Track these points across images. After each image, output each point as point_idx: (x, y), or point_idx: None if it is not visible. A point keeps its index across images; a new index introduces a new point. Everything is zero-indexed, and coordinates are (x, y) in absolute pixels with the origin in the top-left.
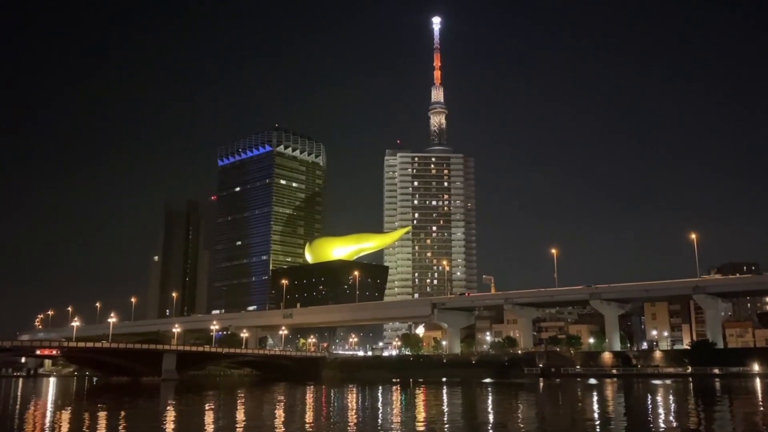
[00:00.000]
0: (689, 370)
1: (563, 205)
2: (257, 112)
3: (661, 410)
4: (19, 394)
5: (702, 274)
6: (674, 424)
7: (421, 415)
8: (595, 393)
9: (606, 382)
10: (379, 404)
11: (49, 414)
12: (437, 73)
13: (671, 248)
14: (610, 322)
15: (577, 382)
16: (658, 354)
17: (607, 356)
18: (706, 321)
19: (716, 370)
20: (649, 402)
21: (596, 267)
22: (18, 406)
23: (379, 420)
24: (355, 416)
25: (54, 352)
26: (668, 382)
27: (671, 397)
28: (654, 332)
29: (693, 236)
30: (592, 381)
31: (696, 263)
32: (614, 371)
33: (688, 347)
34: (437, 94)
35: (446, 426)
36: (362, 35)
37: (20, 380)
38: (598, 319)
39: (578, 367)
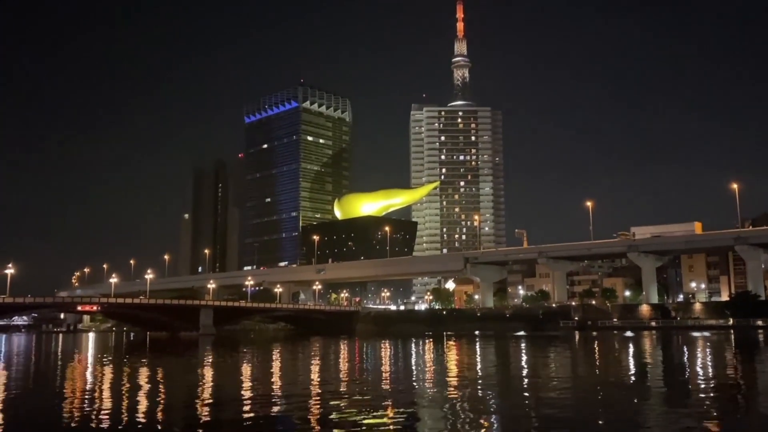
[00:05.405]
0: (731, 322)
1: (592, 157)
2: (282, 69)
3: (702, 362)
4: (60, 349)
5: (736, 225)
6: (716, 376)
7: (455, 366)
8: (632, 345)
9: (644, 335)
10: (413, 357)
11: (92, 367)
12: (460, 25)
13: (702, 199)
14: (647, 275)
15: (614, 334)
16: (698, 306)
17: (645, 309)
18: (748, 272)
19: (759, 322)
20: (689, 353)
21: (626, 219)
22: (60, 361)
23: (414, 371)
24: (391, 368)
25: (94, 308)
26: (707, 334)
27: (712, 349)
28: (692, 284)
29: (735, 186)
30: (629, 333)
31: (738, 213)
32: (653, 323)
33: (728, 299)
34: (460, 47)
35: (482, 376)
36: None
37: (60, 336)
38: (632, 272)
39: (615, 319)
